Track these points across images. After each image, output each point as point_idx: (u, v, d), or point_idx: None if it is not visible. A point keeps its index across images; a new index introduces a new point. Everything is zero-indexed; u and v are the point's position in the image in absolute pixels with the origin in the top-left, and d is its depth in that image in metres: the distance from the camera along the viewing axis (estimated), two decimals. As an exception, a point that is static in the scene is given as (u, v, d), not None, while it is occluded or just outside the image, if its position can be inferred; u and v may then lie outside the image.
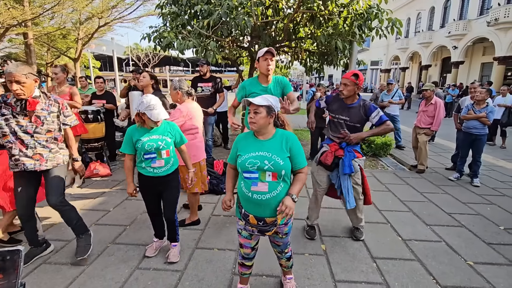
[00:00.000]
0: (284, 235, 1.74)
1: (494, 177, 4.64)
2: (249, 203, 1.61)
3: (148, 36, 4.89)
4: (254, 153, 1.58)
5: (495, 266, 2.36)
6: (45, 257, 2.38)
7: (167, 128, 2.23)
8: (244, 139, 1.69)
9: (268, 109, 1.57)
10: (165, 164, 2.19)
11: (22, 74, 1.95)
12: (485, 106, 4.16)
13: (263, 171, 1.54)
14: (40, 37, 13.20)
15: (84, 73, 21.60)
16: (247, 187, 1.58)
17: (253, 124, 1.58)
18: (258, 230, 1.65)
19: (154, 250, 2.44)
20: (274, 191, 1.55)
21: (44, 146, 2.15)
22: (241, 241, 1.79)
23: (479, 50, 20.37)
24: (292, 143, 1.62)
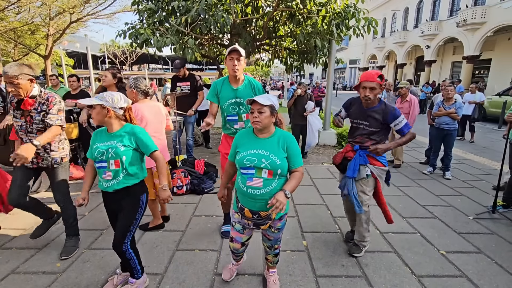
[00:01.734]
0: (276, 230, 1.79)
1: (464, 170, 4.91)
2: (245, 197, 1.68)
3: (123, 33, 4.72)
4: (252, 151, 1.63)
5: (465, 254, 2.49)
6: (13, 266, 2.23)
7: (127, 134, 1.80)
8: (244, 136, 1.75)
9: (271, 109, 1.63)
10: (113, 177, 1.77)
11: (14, 75, 1.99)
12: (453, 102, 4.38)
13: (260, 168, 1.60)
14: (5, 33, 12.38)
15: (57, 71, 20.52)
16: (243, 181, 1.65)
17: (258, 123, 1.61)
18: (253, 223, 1.73)
19: (113, 286, 1.99)
20: (268, 187, 1.61)
21: None
22: (233, 235, 1.85)
23: (450, 50, 21.46)
24: (290, 143, 1.67)
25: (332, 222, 3.05)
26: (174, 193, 3.68)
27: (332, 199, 3.62)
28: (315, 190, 3.95)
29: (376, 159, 2.30)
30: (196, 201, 3.53)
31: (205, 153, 5.76)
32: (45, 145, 2.21)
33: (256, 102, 1.60)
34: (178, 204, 3.43)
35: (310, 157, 5.58)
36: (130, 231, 1.84)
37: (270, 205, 1.53)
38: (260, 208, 1.66)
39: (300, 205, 3.45)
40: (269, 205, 1.54)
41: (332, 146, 6.45)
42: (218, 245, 2.56)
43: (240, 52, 2.28)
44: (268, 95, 1.65)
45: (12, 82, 1.99)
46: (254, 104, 1.63)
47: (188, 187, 3.73)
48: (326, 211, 3.31)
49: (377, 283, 2.12)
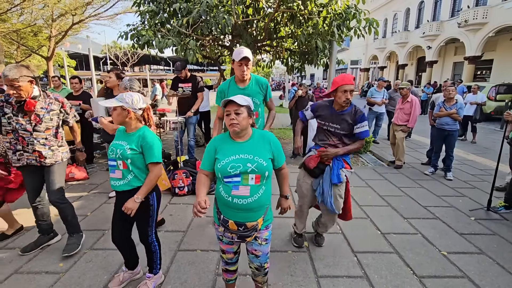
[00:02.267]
0: (264, 241, 1.61)
1: (466, 171, 4.90)
2: (229, 208, 1.51)
3: (125, 34, 4.73)
4: (235, 156, 1.48)
5: (467, 255, 2.49)
6: (17, 266, 2.25)
7: (137, 138, 1.81)
8: (221, 142, 1.57)
9: (248, 109, 1.52)
10: (122, 178, 1.80)
11: (14, 78, 2.01)
12: (454, 103, 4.38)
13: (246, 173, 1.47)
14: (8, 34, 12.45)
15: (58, 73, 20.63)
16: (227, 191, 1.48)
17: (236, 126, 1.47)
18: (238, 236, 1.55)
19: (119, 282, 2.02)
20: (255, 195, 1.49)
21: (43, 144, 2.26)
22: (223, 247, 1.69)
23: (451, 50, 21.41)
24: (273, 141, 1.60)
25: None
26: (176, 193, 3.70)
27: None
28: (316, 190, 3.95)
29: (347, 162, 2.35)
30: (198, 202, 3.53)
31: (207, 154, 5.76)
32: (50, 143, 2.30)
33: (232, 102, 1.47)
34: (179, 205, 3.44)
35: (311, 158, 5.57)
36: (150, 226, 1.96)
37: (281, 212, 1.70)
38: (246, 218, 1.51)
39: (301, 205, 3.45)
40: (280, 212, 1.69)
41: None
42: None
43: (248, 56, 2.31)
44: (243, 96, 1.54)
45: (13, 85, 2.01)
46: (230, 105, 1.49)
47: (189, 187, 3.74)
48: (327, 211, 3.31)
49: (378, 283, 2.12)
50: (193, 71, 35.83)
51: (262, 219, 1.57)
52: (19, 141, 2.22)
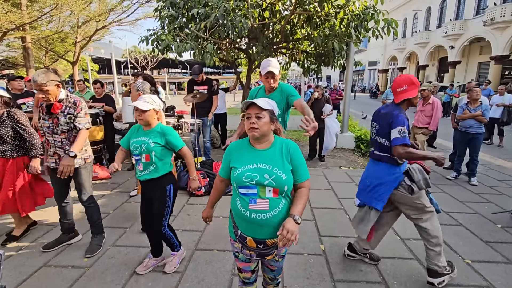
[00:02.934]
0: (280, 258, 1.51)
1: (492, 176, 4.67)
2: (247, 223, 1.37)
3: (146, 39, 4.90)
4: (252, 165, 1.34)
5: (493, 264, 2.38)
6: (46, 260, 2.39)
7: (158, 133, 2.08)
8: (238, 149, 1.44)
9: (271, 114, 1.38)
10: (144, 169, 2.06)
11: (42, 83, 2.11)
12: (479, 104, 4.20)
13: (263, 186, 1.31)
14: (38, 41, 13.23)
15: (83, 76, 21.60)
16: (244, 205, 1.34)
17: (256, 130, 1.33)
18: (257, 254, 1.42)
19: (144, 268, 2.23)
20: (275, 209, 1.32)
21: (60, 147, 2.32)
22: (240, 265, 1.55)
23: (476, 50, 20.50)
24: (294, 152, 1.39)
25: (350, 226, 3.00)
26: (193, 194, 3.77)
27: (350, 204, 3.57)
28: (332, 194, 3.91)
29: None
30: (214, 203, 3.59)
31: (223, 155, 5.84)
32: (65, 147, 2.31)
33: (253, 105, 1.34)
34: (196, 205, 3.51)
35: (328, 161, 5.52)
36: (165, 217, 2.16)
37: (280, 238, 1.22)
38: (266, 235, 1.35)
39: (317, 208, 3.43)
40: (279, 238, 1.23)
41: (350, 150, 6.35)
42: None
43: (273, 71, 2.40)
44: (267, 99, 1.41)
45: (41, 90, 2.12)
46: (251, 107, 1.36)
47: (206, 188, 3.81)
48: (344, 215, 3.27)
49: (397, 290, 2.07)
50: (209, 74, 36.13)
51: None
52: (47, 144, 2.35)
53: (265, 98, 1.42)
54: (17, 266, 2.30)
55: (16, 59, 17.36)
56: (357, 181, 4.37)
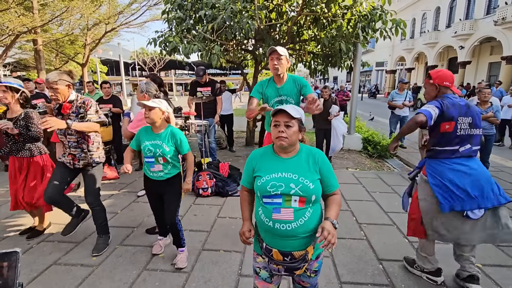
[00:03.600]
0: (313, 273, 1.38)
1: (503, 178, 4.57)
2: (271, 234, 1.29)
3: (154, 41, 4.97)
4: (277, 174, 1.28)
5: (504, 268, 2.33)
6: (55, 258, 2.43)
7: (170, 136, 2.21)
8: (262, 157, 1.38)
9: (300, 123, 1.32)
10: (162, 170, 2.21)
11: (54, 81, 2.19)
12: (489, 106, 4.12)
13: (289, 195, 1.25)
14: (49, 43, 13.53)
15: (92, 78, 21.97)
16: (268, 215, 1.28)
17: (284, 140, 1.26)
18: (285, 268, 1.31)
19: (160, 247, 2.52)
20: (301, 218, 1.25)
21: (76, 147, 2.37)
22: (258, 284, 1.43)
23: (487, 50, 20.12)
24: (322, 162, 1.33)
25: (358, 228, 2.99)
26: (200, 194, 3.80)
27: (357, 205, 3.54)
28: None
29: (424, 166, 2.13)
30: (221, 203, 3.61)
31: (229, 156, 5.86)
32: (82, 146, 2.37)
33: (283, 112, 1.27)
34: (203, 206, 3.53)
35: (335, 162, 5.48)
36: (177, 208, 2.34)
37: (321, 238, 1.16)
38: (293, 247, 1.27)
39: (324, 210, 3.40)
40: (320, 238, 1.17)
41: (357, 151, 6.29)
42: (242, 246, 2.61)
43: (279, 51, 2.35)
44: (296, 107, 1.34)
45: (51, 87, 2.20)
46: (280, 115, 1.28)
47: (213, 189, 3.83)
48: (351, 217, 3.25)
49: (405, 293, 2.04)
50: (216, 75, 36.24)
51: (313, 247, 1.29)
52: (63, 146, 2.41)
53: (294, 105, 1.37)
54: (28, 263, 2.35)
55: (27, 61, 17.79)
56: (364, 183, 4.33)
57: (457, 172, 1.93)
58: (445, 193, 1.92)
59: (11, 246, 2.60)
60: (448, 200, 1.91)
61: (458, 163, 1.95)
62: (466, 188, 1.88)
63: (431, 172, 2.01)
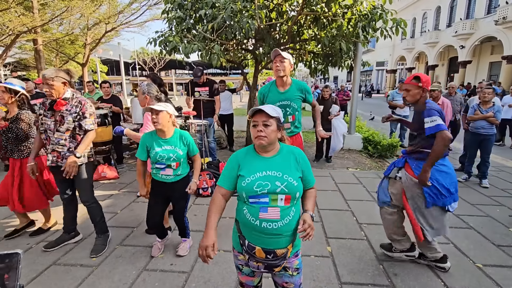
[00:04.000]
0: (295, 271, 1.41)
1: (504, 178, 4.56)
2: (256, 233, 1.31)
3: (154, 41, 4.96)
4: (261, 173, 1.31)
5: (505, 269, 2.32)
6: (55, 258, 2.43)
7: (180, 139, 2.24)
8: (245, 157, 1.39)
9: (278, 121, 1.36)
10: (174, 173, 2.24)
11: (50, 77, 2.18)
12: (491, 105, 4.11)
13: (275, 194, 1.29)
14: (49, 43, 13.52)
15: (92, 78, 21.98)
16: (254, 214, 1.29)
17: (263, 139, 1.31)
18: (265, 265, 1.35)
19: (159, 249, 2.51)
20: (287, 217, 1.29)
21: (63, 145, 2.31)
22: (242, 279, 1.51)
23: (487, 49, 20.09)
24: (303, 160, 1.40)
25: (358, 228, 2.98)
26: (200, 194, 3.79)
27: (357, 205, 3.53)
28: (339, 195, 3.87)
29: (410, 167, 2.20)
30: (221, 203, 3.59)
31: (229, 156, 5.84)
32: (69, 145, 2.31)
33: (260, 112, 1.31)
34: (203, 206, 3.53)
35: (335, 162, 5.47)
36: (186, 206, 2.45)
37: (301, 231, 1.25)
38: (276, 245, 1.30)
39: (324, 210, 3.40)
40: (300, 231, 1.25)
41: (358, 151, 6.28)
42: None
43: (282, 54, 2.46)
44: (273, 105, 1.38)
45: (47, 83, 2.18)
46: (258, 115, 1.32)
47: (213, 189, 3.82)
48: (351, 217, 3.24)
49: (406, 293, 2.03)
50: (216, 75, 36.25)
51: (292, 245, 1.35)
52: (48, 141, 2.31)
53: (271, 105, 1.39)
54: (27, 264, 2.35)
55: (28, 61, 17.78)
56: (365, 183, 4.32)
57: (441, 173, 2.10)
58: (432, 192, 2.09)
59: (11, 247, 2.60)
60: (434, 198, 2.09)
61: (441, 163, 2.11)
62: (448, 187, 2.09)
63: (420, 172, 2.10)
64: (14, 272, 0.76)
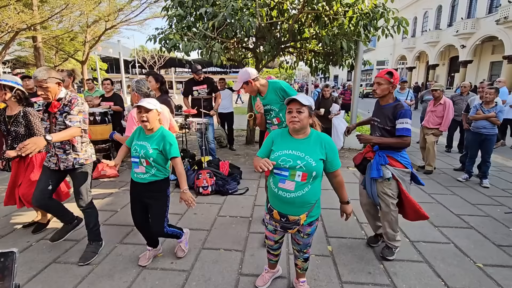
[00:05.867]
0: (306, 235, 1.74)
1: (504, 178, 4.55)
2: (275, 198, 1.64)
3: (154, 38, 4.94)
4: (288, 151, 1.59)
5: (506, 269, 2.31)
6: (55, 256, 2.42)
7: (158, 138, 2.07)
8: (280, 136, 1.70)
9: (309, 109, 1.61)
10: (145, 172, 2.06)
11: (43, 79, 2.05)
12: (494, 105, 4.09)
13: (294, 169, 1.55)
14: (48, 40, 13.45)
15: (91, 76, 21.92)
16: (275, 182, 1.61)
17: (297, 123, 1.57)
18: (280, 226, 1.69)
19: (147, 259, 2.33)
20: (300, 191, 1.56)
21: (59, 147, 2.25)
22: (267, 233, 1.86)
23: (488, 49, 20.07)
24: (329, 145, 1.63)
25: (358, 228, 2.98)
26: (200, 193, 3.78)
27: (358, 204, 3.50)
28: (340, 194, 3.86)
29: (397, 161, 2.31)
30: (221, 202, 3.59)
31: (229, 155, 5.85)
32: (64, 147, 2.24)
33: (295, 101, 1.56)
34: (203, 204, 3.52)
35: (335, 161, 5.46)
36: (166, 216, 2.23)
37: (347, 218, 1.80)
38: (289, 211, 1.62)
39: (324, 209, 3.38)
40: (347, 218, 1.81)
41: (358, 150, 6.27)
42: (242, 245, 2.60)
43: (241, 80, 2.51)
44: (306, 96, 1.62)
45: (41, 86, 2.05)
46: (292, 103, 1.58)
47: (213, 187, 3.81)
48: (352, 216, 3.22)
49: (406, 293, 2.03)
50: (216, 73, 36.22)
51: (306, 215, 1.62)
52: (50, 145, 2.24)
53: (304, 94, 1.59)
54: (27, 261, 2.34)
55: (27, 58, 17.71)
56: (359, 178, 4.30)
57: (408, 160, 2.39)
58: (415, 173, 2.40)
59: (11, 244, 2.60)
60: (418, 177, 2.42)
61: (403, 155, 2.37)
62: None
63: (407, 163, 2.34)
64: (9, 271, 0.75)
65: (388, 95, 2.32)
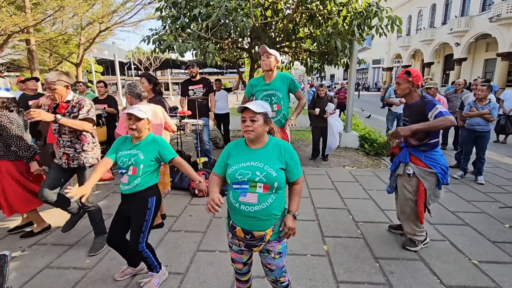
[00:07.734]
0: (277, 255, 1.52)
1: (499, 175, 4.58)
2: (237, 214, 1.47)
3: (148, 39, 4.90)
4: (245, 163, 1.45)
5: (501, 265, 2.32)
6: (48, 261, 2.39)
7: (150, 143, 1.95)
8: (236, 148, 1.56)
9: (265, 116, 1.47)
10: (129, 182, 1.89)
11: (52, 81, 2.22)
12: (487, 102, 4.12)
13: (254, 182, 1.42)
14: (42, 43, 13.36)
15: (87, 78, 21.79)
16: (235, 197, 1.46)
17: (251, 133, 1.44)
18: (245, 244, 1.49)
19: (122, 274, 2.16)
20: (264, 203, 1.42)
21: (69, 146, 2.38)
22: (232, 256, 1.64)
23: (482, 47, 20.24)
24: (289, 153, 1.49)
25: (354, 227, 2.97)
26: (195, 194, 3.76)
27: (354, 204, 3.52)
28: (336, 193, 3.86)
29: (419, 159, 2.38)
30: (217, 203, 3.57)
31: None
32: (75, 146, 2.38)
33: (247, 109, 1.43)
34: (198, 206, 3.50)
35: (331, 160, 5.47)
36: (143, 232, 1.94)
37: (283, 235, 1.48)
38: (253, 227, 1.44)
39: (320, 208, 3.39)
40: (282, 235, 1.48)
41: (354, 149, 6.28)
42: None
43: (269, 51, 2.81)
44: (261, 102, 1.50)
45: (50, 87, 2.23)
46: (245, 111, 1.44)
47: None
48: (347, 215, 3.23)
49: (402, 292, 2.03)
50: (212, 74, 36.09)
51: (272, 230, 1.46)
52: (57, 145, 2.41)
53: (259, 101, 1.52)
54: (20, 267, 2.31)
55: (21, 61, 17.56)
56: (361, 181, 4.33)
57: (442, 156, 2.40)
58: (442, 175, 2.37)
59: (3, 247, 2.56)
60: (443, 178, 2.38)
61: (439, 149, 2.42)
62: (447, 166, 2.41)
63: (433, 164, 2.35)
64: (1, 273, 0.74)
65: (412, 93, 2.36)
